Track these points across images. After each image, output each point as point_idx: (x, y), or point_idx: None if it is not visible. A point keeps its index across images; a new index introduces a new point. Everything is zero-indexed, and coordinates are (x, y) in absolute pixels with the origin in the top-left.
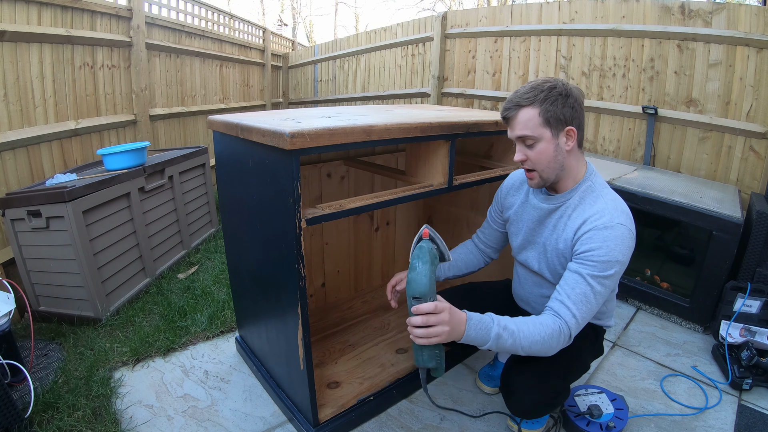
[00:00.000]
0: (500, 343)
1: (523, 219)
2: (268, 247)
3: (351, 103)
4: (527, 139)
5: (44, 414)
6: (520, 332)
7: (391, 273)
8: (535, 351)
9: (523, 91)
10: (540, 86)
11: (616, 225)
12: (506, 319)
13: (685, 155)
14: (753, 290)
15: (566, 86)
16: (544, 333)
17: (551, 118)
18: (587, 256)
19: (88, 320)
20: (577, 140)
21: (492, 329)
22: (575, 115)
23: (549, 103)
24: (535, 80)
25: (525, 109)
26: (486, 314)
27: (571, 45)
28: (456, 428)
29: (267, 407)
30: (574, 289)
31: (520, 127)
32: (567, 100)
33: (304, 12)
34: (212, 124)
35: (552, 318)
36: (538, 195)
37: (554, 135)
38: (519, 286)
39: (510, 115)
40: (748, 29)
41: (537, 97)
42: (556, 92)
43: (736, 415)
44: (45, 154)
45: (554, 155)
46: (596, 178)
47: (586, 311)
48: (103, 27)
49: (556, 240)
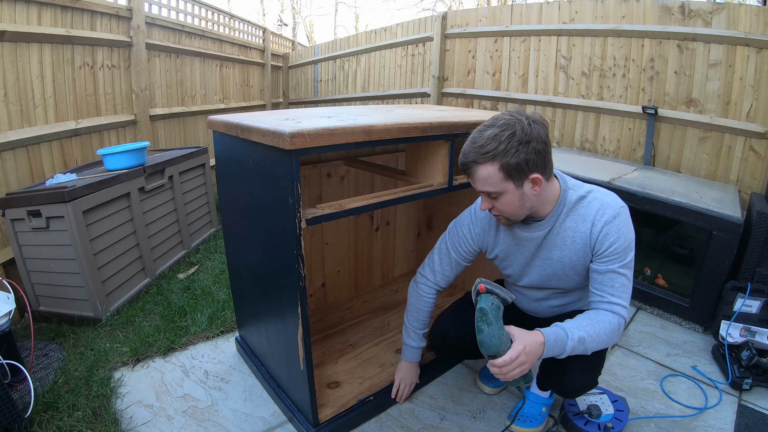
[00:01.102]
0: (573, 352)
1: (516, 252)
2: (268, 247)
3: (351, 103)
4: (491, 193)
5: (44, 414)
6: (590, 338)
7: (391, 273)
8: (601, 348)
9: (480, 144)
10: (498, 136)
11: (618, 210)
12: (575, 326)
13: (685, 155)
14: (753, 290)
15: (526, 129)
16: (608, 329)
17: (513, 171)
18: (611, 252)
19: (88, 320)
20: (545, 178)
21: (567, 345)
22: (539, 159)
23: (509, 156)
24: (494, 121)
25: (483, 166)
26: (557, 327)
27: (571, 45)
28: (456, 428)
29: (267, 407)
30: (613, 285)
31: (480, 183)
32: (528, 146)
33: (304, 12)
34: (212, 124)
35: (609, 314)
36: (523, 227)
37: (518, 185)
38: (522, 303)
39: (468, 170)
40: (748, 29)
41: (496, 151)
42: (515, 141)
43: (736, 415)
44: (45, 154)
45: (521, 203)
46: (571, 182)
47: (628, 296)
48: (103, 27)
49: (564, 252)
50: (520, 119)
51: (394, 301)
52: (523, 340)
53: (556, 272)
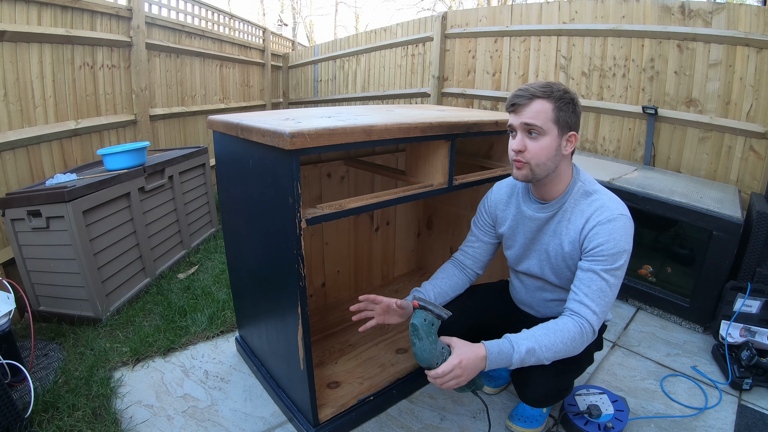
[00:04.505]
0: (523, 364)
1: (519, 231)
2: (268, 247)
3: (351, 103)
4: (534, 128)
5: (44, 414)
6: (540, 348)
7: (391, 273)
8: (560, 357)
9: (538, 85)
10: (555, 86)
11: (618, 216)
12: (525, 337)
13: (685, 155)
14: (753, 290)
15: (574, 96)
16: (566, 338)
17: (561, 118)
18: (597, 252)
19: (88, 320)
20: (575, 146)
21: (513, 357)
22: (578, 123)
23: (563, 103)
24: (545, 81)
25: (540, 100)
26: (504, 339)
27: (571, 45)
28: (456, 428)
29: (267, 407)
30: (590, 286)
31: (530, 115)
32: (575, 108)
33: (304, 12)
34: (212, 124)
35: (571, 320)
36: (530, 205)
37: (560, 135)
38: (520, 293)
39: (521, 102)
40: (748, 29)
41: (553, 94)
42: (568, 96)
43: (736, 415)
44: (45, 154)
45: (553, 154)
46: (584, 176)
47: (604, 305)
48: (103, 27)
49: (559, 244)
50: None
51: None
52: (460, 354)
53: (550, 261)
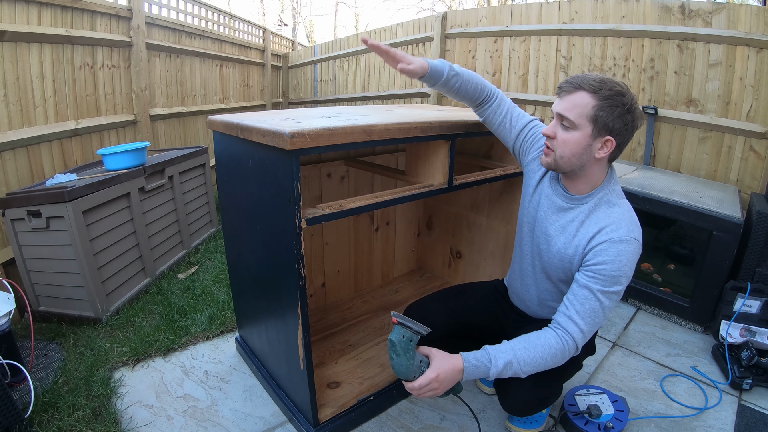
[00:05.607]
0: (501, 376)
1: (538, 201)
2: (268, 247)
3: (351, 103)
4: (565, 120)
5: (44, 414)
6: (519, 362)
7: (391, 273)
8: (540, 371)
9: (591, 77)
10: (608, 84)
11: (630, 240)
12: (504, 350)
13: (685, 155)
14: (753, 290)
15: (635, 104)
16: (546, 354)
17: (600, 118)
18: (598, 270)
19: (88, 320)
20: (611, 154)
21: (490, 369)
22: (623, 132)
23: (609, 104)
24: (611, 77)
25: (584, 93)
26: (483, 352)
27: (571, 45)
28: (456, 428)
29: (267, 407)
30: (583, 305)
31: (566, 106)
32: (625, 115)
33: (304, 12)
34: (212, 124)
35: (554, 335)
36: (555, 187)
37: (593, 135)
38: (517, 281)
39: (566, 89)
40: (748, 29)
41: (603, 92)
42: (620, 100)
43: (736, 415)
44: (45, 154)
45: (580, 152)
46: (614, 186)
47: (593, 324)
48: (103, 27)
49: (564, 244)
50: (634, 96)
51: (394, 301)
52: (438, 368)
53: (549, 251)
